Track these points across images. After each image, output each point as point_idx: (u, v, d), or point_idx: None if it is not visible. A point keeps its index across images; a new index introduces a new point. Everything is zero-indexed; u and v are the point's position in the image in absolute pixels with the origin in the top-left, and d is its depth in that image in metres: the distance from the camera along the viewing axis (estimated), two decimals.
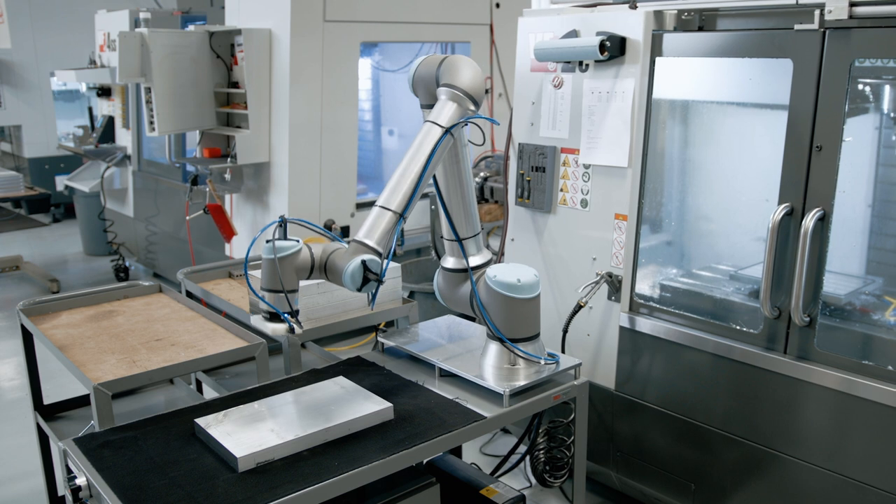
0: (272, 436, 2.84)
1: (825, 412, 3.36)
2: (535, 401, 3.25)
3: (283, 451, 2.80)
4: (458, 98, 3.16)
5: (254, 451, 2.74)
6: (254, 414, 3.03)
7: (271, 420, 2.97)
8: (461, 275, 3.51)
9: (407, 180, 3.01)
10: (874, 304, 3.69)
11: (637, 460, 4.14)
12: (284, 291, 2.95)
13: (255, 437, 2.82)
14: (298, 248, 2.95)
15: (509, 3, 7.39)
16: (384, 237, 2.95)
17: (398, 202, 2.98)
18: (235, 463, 2.71)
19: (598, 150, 4.07)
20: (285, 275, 2.93)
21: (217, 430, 2.89)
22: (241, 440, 2.81)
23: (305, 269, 3.00)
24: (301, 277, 3.01)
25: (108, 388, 3.24)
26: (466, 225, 3.46)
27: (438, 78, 3.26)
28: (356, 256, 2.86)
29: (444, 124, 3.10)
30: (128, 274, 9.19)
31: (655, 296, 4.09)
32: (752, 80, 3.92)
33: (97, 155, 8.91)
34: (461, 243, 3.46)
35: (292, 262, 2.94)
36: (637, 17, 3.85)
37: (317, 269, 3.02)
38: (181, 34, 6.31)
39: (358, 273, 2.85)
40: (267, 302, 2.99)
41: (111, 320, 4.06)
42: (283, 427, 2.91)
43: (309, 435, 2.86)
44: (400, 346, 3.67)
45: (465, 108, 3.16)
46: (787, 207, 3.38)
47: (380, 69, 7.87)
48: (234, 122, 6.50)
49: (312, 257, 3.00)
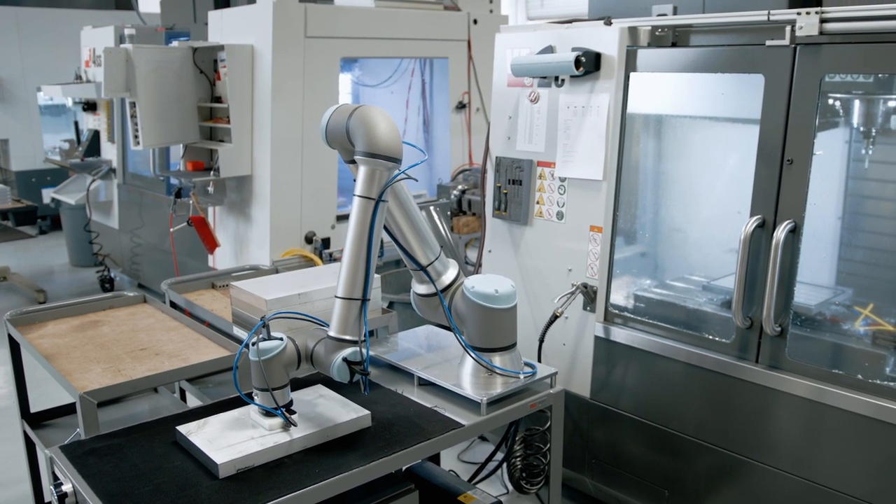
0: (252, 443, 2.86)
1: (796, 420, 3.39)
2: (512, 409, 3.27)
3: (263, 457, 2.82)
4: (377, 164, 2.97)
5: (234, 457, 2.76)
6: (234, 421, 3.05)
7: (252, 428, 2.99)
8: (431, 300, 3.49)
9: (360, 265, 2.96)
10: (844, 315, 3.71)
11: (612, 467, 4.15)
12: (271, 390, 2.95)
13: (236, 444, 2.85)
14: (283, 346, 2.96)
15: (487, 20, 7.42)
16: (355, 325, 2.94)
17: (359, 289, 2.95)
18: (216, 469, 2.73)
19: (573, 163, 4.09)
20: (274, 373, 2.95)
21: (198, 437, 2.91)
22: (221, 447, 2.83)
23: (293, 363, 3.01)
24: (290, 372, 3.02)
25: (94, 397, 3.26)
26: (424, 252, 3.39)
27: (350, 137, 3.07)
28: (336, 354, 2.88)
29: (374, 196, 2.98)
30: (113, 285, 9.16)
31: (630, 306, 4.11)
32: (724, 95, 3.95)
33: (83, 168, 8.90)
34: (425, 271, 3.42)
35: (280, 361, 2.96)
36: (612, 33, 3.88)
37: (303, 361, 3.04)
38: (165, 50, 6.31)
39: (343, 371, 2.88)
40: (258, 404, 3.00)
41: (97, 330, 4.07)
42: (263, 434, 2.93)
43: (289, 442, 2.89)
44: (380, 355, 3.67)
45: (388, 168, 3.00)
46: (759, 219, 3.42)
47: (360, 84, 7.89)
48: (217, 136, 6.48)
49: (298, 352, 3.01)
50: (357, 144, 3.02)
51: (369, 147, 2.97)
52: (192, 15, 7.94)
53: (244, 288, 3.94)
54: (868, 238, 3.87)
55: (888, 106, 3.71)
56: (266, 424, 2.97)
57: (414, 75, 7.73)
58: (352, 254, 2.97)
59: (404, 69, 7.67)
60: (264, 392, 2.96)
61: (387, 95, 7.75)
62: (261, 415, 3.00)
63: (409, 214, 3.32)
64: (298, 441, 2.91)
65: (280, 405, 2.96)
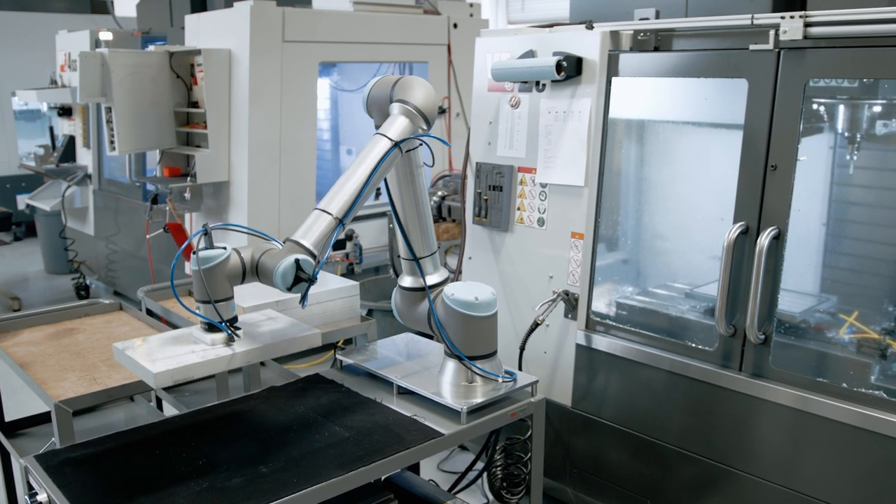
0: (193, 356, 2.84)
1: (780, 429, 3.37)
2: (493, 418, 3.25)
3: (204, 369, 2.81)
4: (409, 114, 3.14)
5: (171, 367, 2.75)
6: (174, 338, 3.03)
7: (193, 343, 2.96)
8: (419, 293, 3.48)
9: (349, 187, 2.98)
10: (828, 322, 3.71)
11: (593, 477, 4.13)
12: (212, 301, 2.91)
13: (175, 357, 2.83)
14: (226, 256, 2.91)
15: (467, 24, 7.42)
16: (320, 240, 2.91)
17: (338, 207, 2.94)
18: (151, 379, 2.71)
19: (554, 169, 4.07)
20: (217, 283, 2.90)
21: (135, 351, 2.90)
22: (158, 358, 2.80)
23: (237, 275, 2.96)
24: (234, 284, 2.97)
25: (69, 406, 3.22)
26: (423, 244, 3.43)
27: (392, 97, 3.23)
28: (290, 255, 2.82)
29: (393, 137, 3.07)
30: (88, 292, 9.12)
31: (612, 314, 4.09)
32: (707, 100, 3.95)
33: (58, 174, 8.86)
34: (418, 262, 3.43)
35: (222, 271, 2.90)
36: (593, 37, 3.86)
37: (249, 273, 2.98)
38: (141, 54, 6.29)
39: (290, 272, 2.80)
40: (201, 315, 2.96)
41: (72, 338, 4.03)
42: (204, 349, 2.91)
43: (231, 355, 2.87)
44: (358, 363, 3.64)
45: (416, 124, 3.14)
46: (743, 226, 3.40)
47: (338, 89, 7.90)
48: (194, 142, 6.46)
49: (243, 262, 2.96)
50: (396, 97, 3.20)
51: (408, 99, 3.16)
52: (168, 19, 7.91)
53: None
54: (853, 245, 3.87)
55: (873, 111, 3.70)
56: (208, 339, 2.95)
57: None
58: (348, 176, 3.02)
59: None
60: (206, 304, 2.92)
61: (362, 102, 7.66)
62: (203, 331, 2.96)
63: (419, 205, 3.38)
64: (241, 355, 2.90)
65: (224, 319, 2.92)
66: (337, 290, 4.01)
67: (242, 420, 3.20)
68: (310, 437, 3.04)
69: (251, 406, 3.30)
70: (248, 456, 2.89)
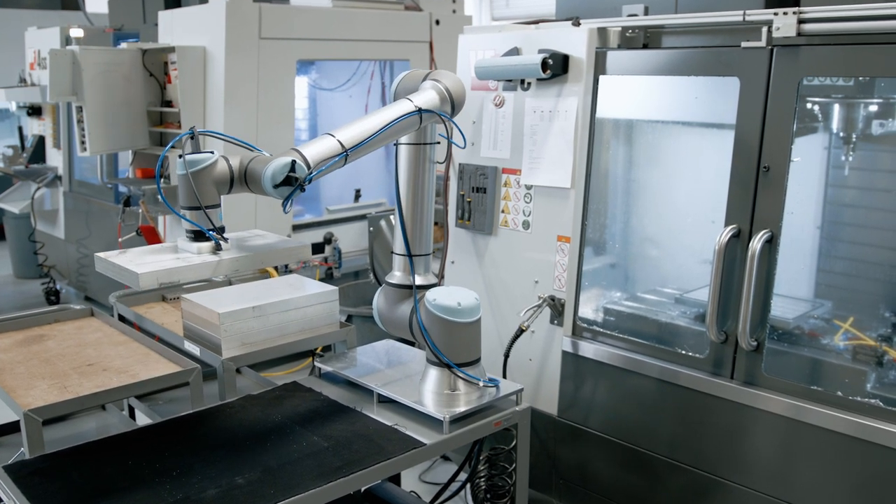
0: (179, 262, 2.87)
1: (773, 439, 3.34)
2: (476, 427, 3.25)
3: (189, 274, 2.88)
4: (439, 91, 3.28)
5: (156, 269, 2.80)
6: (159, 249, 3.09)
7: (178, 252, 3.00)
8: (403, 293, 3.49)
9: (362, 125, 3.04)
10: (823, 328, 3.70)
11: (580, 488, 4.10)
12: (203, 207, 2.88)
13: (160, 262, 2.87)
14: (215, 160, 2.89)
15: (450, 20, 7.45)
16: (319, 156, 2.91)
17: (346, 137, 2.97)
18: (136, 280, 2.76)
19: (540, 170, 4.03)
20: (204, 189, 2.88)
21: (119, 258, 2.93)
22: (143, 263, 2.85)
23: (225, 182, 2.94)
24: (222, 192, 2.95)
25: (39, 415, 3.18)
26: (420, 242, 3.49)
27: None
28: (284, 157, 2.82)
29: (417, 104, 3.16)
30: (59, 297, 9.09)
31: (599, 320, 4.07)
32: (697, 99, 3.95)
33: (27, 175, 8.83)
34: (411, 259, 3.44)
35: (209, 175, 2.86)
36: (580, 34, 3.82)
37: (237, 181, 2.96)
38: (113, 52, 6.32)
39: (282, 170, 2.80)
40: (190, 221, 2.94)
41: (42, 345, 3.99)
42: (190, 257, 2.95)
43: (217, 262, 2.92)
44: (337, 371, 3.64)
45: (443, 104, 3.29)
46: (734, 229, 3.37)
47: (317, 88, 7.90)
48: (168, 142, 6.41)
49: (231, 169, 2.94)
50: (429, 79, 3.36)
51: (441, 80, 3.34)
52: (141, 15, 7.92)
53: (196, 301, 3.87)
54: (848, 248, 3.86)
55: (869, 110, 3.70)
56: (194, 248, 2.97)
57: (373, 78, 7.76)
58: (364, 119, 3.11)
59: (363, 72, 7.69)
60: (194, 210, 2.90)
61: (345, 99, 7.79)
62: (189, 240, 2.96)
63: (426, 200, 3.48)
64: (228, 262, 2.94)
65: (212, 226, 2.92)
66: (315, 295, 3.96)
67: (217, 429, 3.19)
68: (287, 447, 3.03)
69: (227, 415, 3.31)
70: (224, 467, 2.88)
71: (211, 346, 3.69)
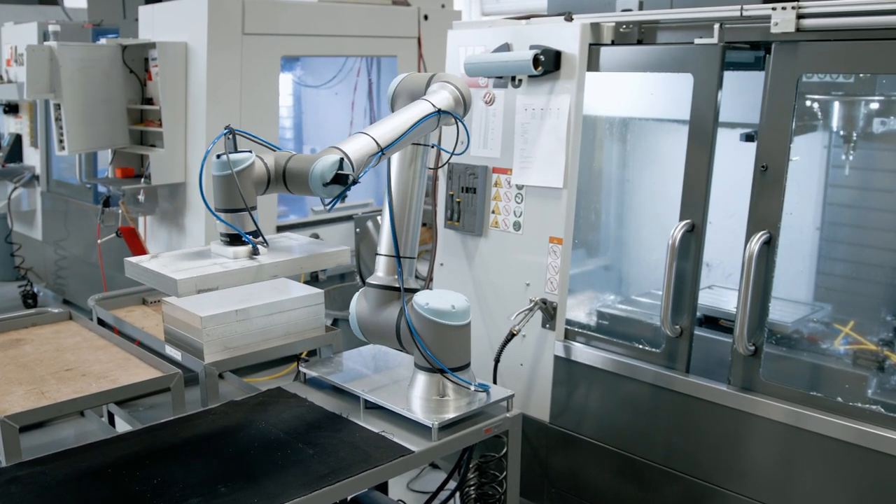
0: (215, 267, 2.84)
1: (771, 446, 3.31)
2: (466, 434, 3.25)
3: (229, 280, 2.85)
4: (453, 92, 3.35)
5: (193, 275, 2.78)
6: (191, 255, 3.04)
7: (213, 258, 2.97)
8: (388, 295, 3.46)
9: (393, 125, 3.07)
10: (823, 333, 3.70)
11: (573, 497, 4.08)
12: (248, 209, 2.85)
13: (196, 268, 2.84)
14: (252, 161, 2.85)
15: (438, 15, 7.41)
16: (361, 155, 2.91)
17: (380, 136, 2.99)
18: (174, 287, 2.75)
19: (531, 169, 3.99)
20: (246, 190, 2.85)
21: (152, 264, 2.94)
22: (178, 269, 2.82)
23: (262, 182, 2.91)
24: (259, 192, 2.91)
25: (16, 421, 3.17)
26: (407, 244, 3.48)
27: (430, 82, 3.41)
28: (331, 154, 2.80)
29: (434, 105, 3.19)
30: (36, 300, 9.02)
31: (592, 323, 4.05)
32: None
33: (4, 175, 8.74)
34: (399, 260, 3.41)
35: (249, 176, 2.83)
36: (573, 29, 3.79)
37: (273, 181, 2.92)
38: (92, 48, 6.21)
39: (331, 168, 2.77)
40: (226, 223, 2.90)
41: (18, 349, 3.97)
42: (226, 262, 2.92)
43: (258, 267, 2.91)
44: (323, 376, 3.63)
45: (456, 105, 3.35)
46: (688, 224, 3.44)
47: (302, 85, 7.88)
48: (149, 141, 6.36)
49: (267, 168, 2.90)
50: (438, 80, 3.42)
51: (452, 81, 3.40)
52: (121, 10, 7.86)
53: (178, 304, 3.84)
54: (849, 250, 3.86)
55: (870, 108, 3.69)
56: (230, 253, 2.92)
57: (360, 75, 7.69)
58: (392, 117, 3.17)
59: (349, 68, 7.63)
60: (231, 213, 2.87)
61: (330, 97, 7.75)
62: (223, 244, 2.93)
63: (417, 202, 3.49)
64: (269, 267, 2.90)
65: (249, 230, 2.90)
66: (300, 298, 3.94)
67: (200, 436, 3.19)
68: (271, 454, 3.03)
69: (209, 421, 3.31)
70: (206, 475, 2.87)
71: (193, 350, 3.65)
